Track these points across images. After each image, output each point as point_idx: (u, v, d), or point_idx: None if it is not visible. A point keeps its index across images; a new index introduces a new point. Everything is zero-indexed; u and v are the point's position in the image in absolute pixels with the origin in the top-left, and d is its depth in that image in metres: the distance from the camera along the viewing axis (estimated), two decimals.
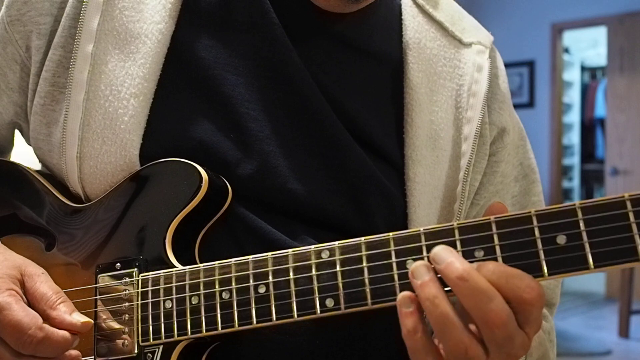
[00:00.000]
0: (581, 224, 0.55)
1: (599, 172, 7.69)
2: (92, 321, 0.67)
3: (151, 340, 0.67)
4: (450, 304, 0.55)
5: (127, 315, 0.69)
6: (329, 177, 0.76)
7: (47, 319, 0.64)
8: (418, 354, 0.57)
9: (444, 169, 0.81)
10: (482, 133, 0.82)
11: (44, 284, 0.66)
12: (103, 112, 0.74)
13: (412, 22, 0.84)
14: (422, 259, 0.59)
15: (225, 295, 0.65)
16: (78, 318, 0.65)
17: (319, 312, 0.62)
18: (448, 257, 0.56)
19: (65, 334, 0.64)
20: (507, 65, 0.92)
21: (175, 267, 0.69)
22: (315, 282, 0.62)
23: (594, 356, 4.54)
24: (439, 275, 0.56)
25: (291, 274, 0.63)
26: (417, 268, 0.57)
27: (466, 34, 0.86)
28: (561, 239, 0.55)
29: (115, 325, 0.69)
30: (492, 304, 0.54)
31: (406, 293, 0.57)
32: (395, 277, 0.59)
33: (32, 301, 0.66)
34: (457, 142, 0.82)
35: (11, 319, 0.62)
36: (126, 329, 0.68)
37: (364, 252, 0.61)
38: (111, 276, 0.71)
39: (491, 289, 0.54)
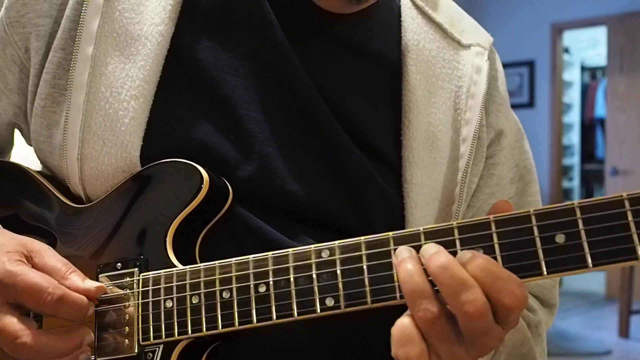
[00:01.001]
0: (580, 223, 0.55)
1: (599, 172, 7.69)
2: (105, 285, 0.69)
3: (151, 340, 0.68)
4: (426, 280, 0.56)
5: (127, 315, 0.69)
6: (328, 178, 0.76)
7: None
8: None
9: (441, 170, 0.81)
10: (480, 135, 0.82)
11: (52, 257, 0.68)
12: (103, 114, 0.74)
13: (411, 23, 0.85)
14: None
15: (225, 295, 0.65)
16: (91, 284, 0.67)
17: (319, 311, 0.62)
18: (433, 250, 0.56)
19: (82, 296, 0.65)
20: (507, 65, 0.92)
21: (176, 266, 0.69)
22: (315, 281, 0.62)
23: (594, 356, 4.54)
24: (424, 267, 0.56)
25: (291, 273, 0.63)
26: (400, 249, 0.58)
27: (465, 36, 0.86)
28: (560, 238, 0.56)
29: (116, 325, 0.69)
30: (469, 294, 0.54)
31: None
32: (395, 276, 0.60)
33: None
34: (456, 144, 0.82)
35: (28, 281, 0.63)
36: (127, 328, 0.69)
37: (363, 252, 0.61)
38: (112, 276, 0.71)
39: (470, 280, 0.54)
